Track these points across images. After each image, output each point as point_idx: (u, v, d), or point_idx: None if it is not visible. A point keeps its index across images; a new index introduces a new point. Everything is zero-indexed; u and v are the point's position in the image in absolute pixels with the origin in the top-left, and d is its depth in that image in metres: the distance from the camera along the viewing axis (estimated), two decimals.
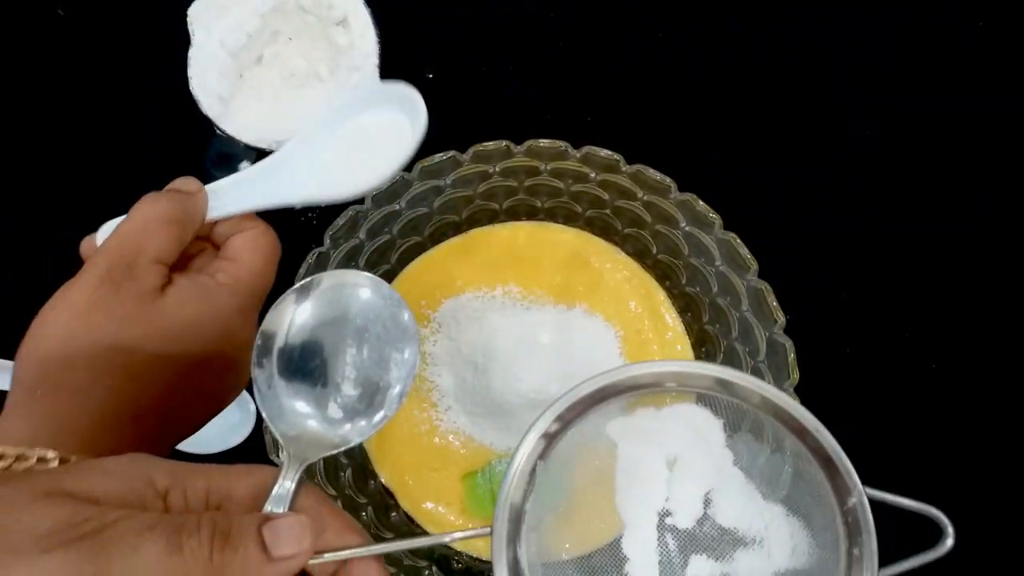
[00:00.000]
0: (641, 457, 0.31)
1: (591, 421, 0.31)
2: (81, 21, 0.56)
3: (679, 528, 0.30)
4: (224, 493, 0.29)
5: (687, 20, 0.57)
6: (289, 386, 0.33)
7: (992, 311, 0.55)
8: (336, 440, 0.33)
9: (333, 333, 0.34)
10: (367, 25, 0.53)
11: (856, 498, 0.29)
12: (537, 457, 0.30)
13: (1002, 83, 0.57)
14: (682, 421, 0.31)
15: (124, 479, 0.28)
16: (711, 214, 0.49)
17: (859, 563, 0.28)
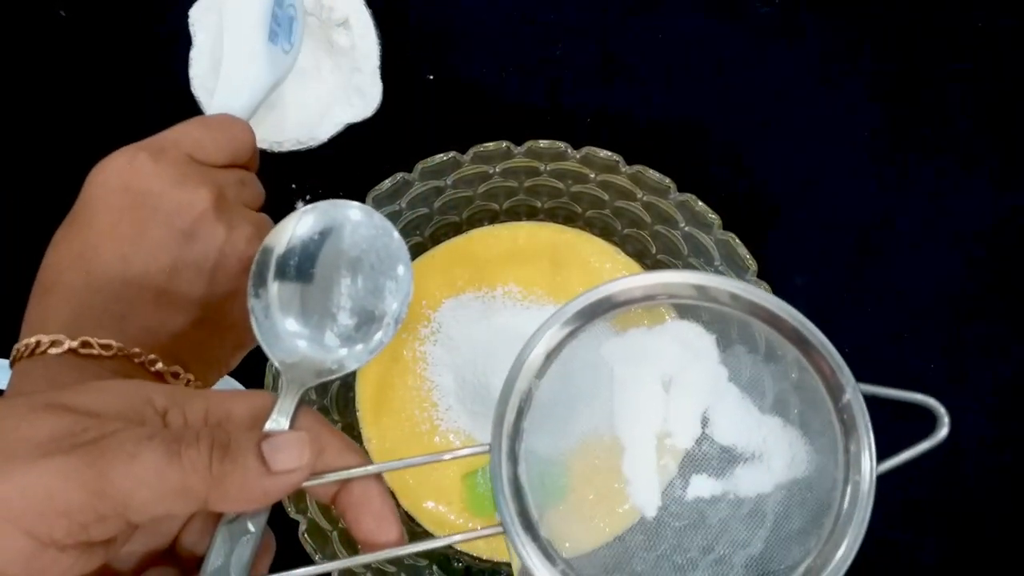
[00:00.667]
0: (636, 379, 0.30)
1: (584, 342, 0.30)
2: (83, 22, 0.56)
3: (678, 448, 0.30)
4: (223, 414, 0.29)
5: (687, 20, 0.57)
6: (285, 313, 0.33)
7: (992, 311, 0.55)
8: (333, 366, 0.33)
9: (328, 261, 0.34)
10: (368, 26, 0.53)
11: (850, 393, 0.29)
12: (532, 376, 0.30)
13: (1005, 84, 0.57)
14: (674, 338, 0.30)
15: (123, 397, 0.27)
16: (710, 214, 0.49)
17: (857, 460, 0.28)
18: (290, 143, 0.53)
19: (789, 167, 0.56)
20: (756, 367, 0.30)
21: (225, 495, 0.26)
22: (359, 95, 0.53)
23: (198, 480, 0.26)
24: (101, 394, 0.27)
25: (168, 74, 0.53)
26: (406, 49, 0.55)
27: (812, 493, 0.29)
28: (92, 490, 0.24)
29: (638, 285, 0.31)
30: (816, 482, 0.29)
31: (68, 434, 0.25)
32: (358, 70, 0.53)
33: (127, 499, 0.25)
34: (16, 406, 0.26)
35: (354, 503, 0.30)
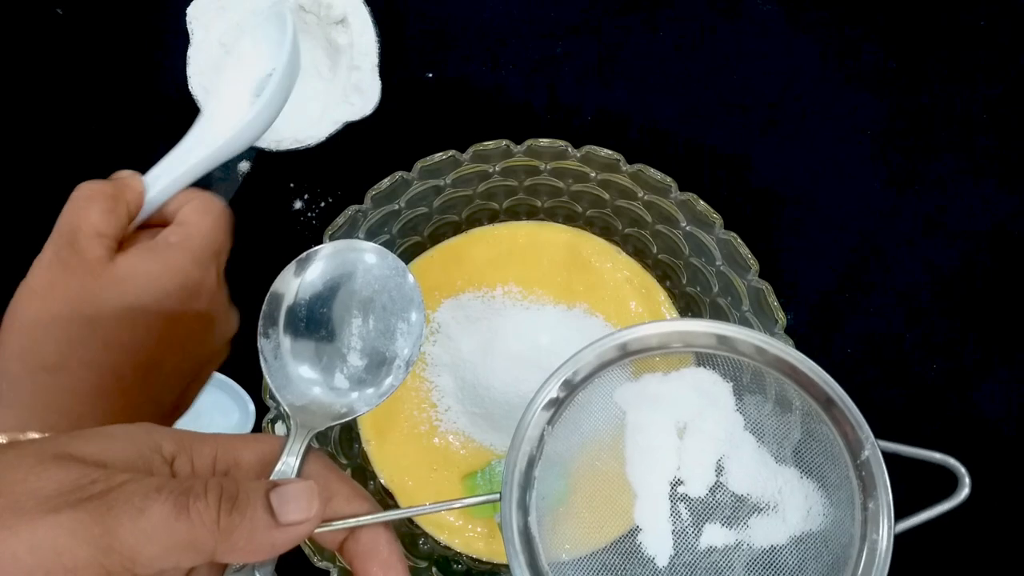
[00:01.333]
0: (650, 424, 0.30)
1: (598, 388, 0.30)
2: (80, 20, 0.56)
3: (691, 496, 0.29)
4: (231, 460, 0.29)
5: (688, 18, 0.57)
6: (295, 356, 0.33)
7: (992, 312, 0.55)
8: (343, 409, 0.32)
9: (339, 303, 0.34)
10: (366, 24, 0.53)
11: (869, 450, 0.28)
12: (545, 423, 0.30)
13: (1005, 84, 0.57)
14: (690, 385, 0.30)
15: (130, 444, 0.27)
16: (712, 214, 0.48)
17: (875, 517, 0.28)
18: (289, 142, 0.52)
19: (791, 166, 0.56)
20: (773, 417, 0.30)
21: (233, 547, 0.26)
22: (358, 94, 0.53)
23: (206, 534, 0.25)
24: (109, 441, 0.27)
25: (166, 72, 0.53)
26: (405, 47, 0.55)
27: (828, 548, 0.29)
28: (100, 546, 0.24)
29: (655, 333, 0.30)
30: (832, 537, 0.29)
31: (75, 487, 0.25)
32: (357, 68, 0.53)
33: (134, 554, 0.25)
34: (24, 456, 0.26)
35: (361, 551, 0.30)
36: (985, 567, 0.53)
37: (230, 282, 0.53)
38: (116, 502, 0.25)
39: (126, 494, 0.25)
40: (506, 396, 0.48)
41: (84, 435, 0.27)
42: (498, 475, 0.47)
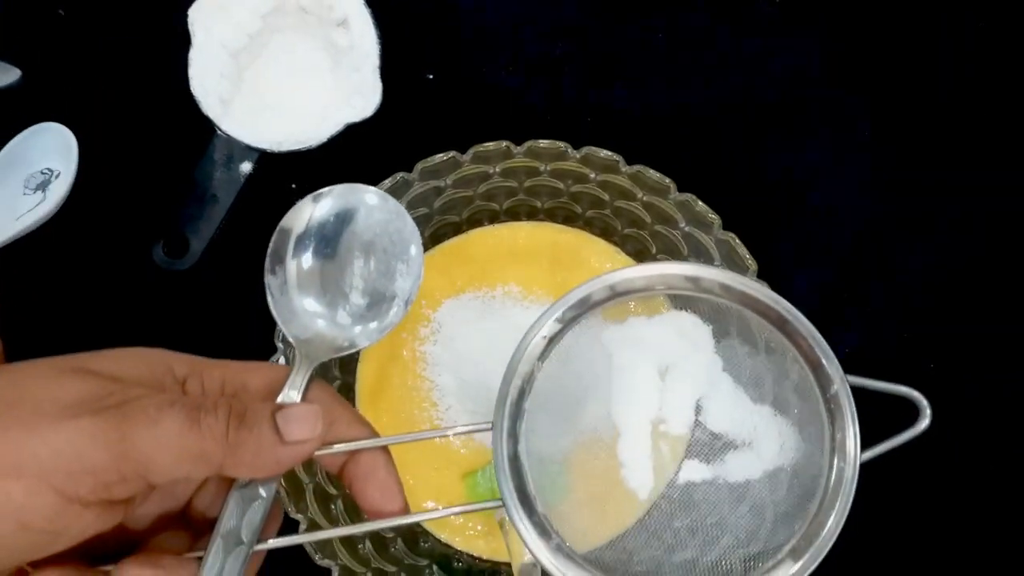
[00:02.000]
0: (634, 366, 0.32)
1: (585, 329, 0.32)
2: (82, 21, 0.56)
3: (671, 434, 0.31)
4: (240, 384, 0.30)
5: (688, 19, 0.57)
6: (300, 291, 0.34)
7: (992, 312, 0.55)
8: (345, 343, 0.34)
9: (342, 244, 0.35)
10: (367, 26, 0.53)
11: (838, 384, 0.30)
12: (536, 358, 0.31)
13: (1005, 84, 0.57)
14: (672, 328, 0.32)
15: (144, 364, 0.29)
16: (710, 214, 0.49)
17: (842, 447, 0.29)
18: (290, 143, 0.53)
19: (790, 166, 0.56)
20: (749, 358, 0.32)
21: (240, 462, 0.28)
22: (359, 95, 0.53)
23: (215, 446, 0.27)
24: (123, 360, 0.28)
25: (167, 73, 0.53)
26: (406, 49, 0.55)
27: (798, 479, 0.30)
28: (117, 452, 0.25)
29: (638, 275, 0.32)
30: (803, 469, 0.30)
31: (94, 397, 0.26)
32: (357, 70, 0.53)
33: (148, 461, 0.26)
34: (42, 368, 0.27)
35: (361, 474, 0.31)
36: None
37: (232, 282, 0.54)
38: (132, 412, 0.26)
39: (141, 405, 0.26)
40: None
41: (99, 354, 0.29)
42: None
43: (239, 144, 0.52)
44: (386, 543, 0.49)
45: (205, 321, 0.53)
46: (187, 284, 0.53)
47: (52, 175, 0.52)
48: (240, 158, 0.53)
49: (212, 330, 0.52)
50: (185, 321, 0.53)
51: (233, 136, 0.52)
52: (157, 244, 0.52)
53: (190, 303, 0.53)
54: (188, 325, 0.53)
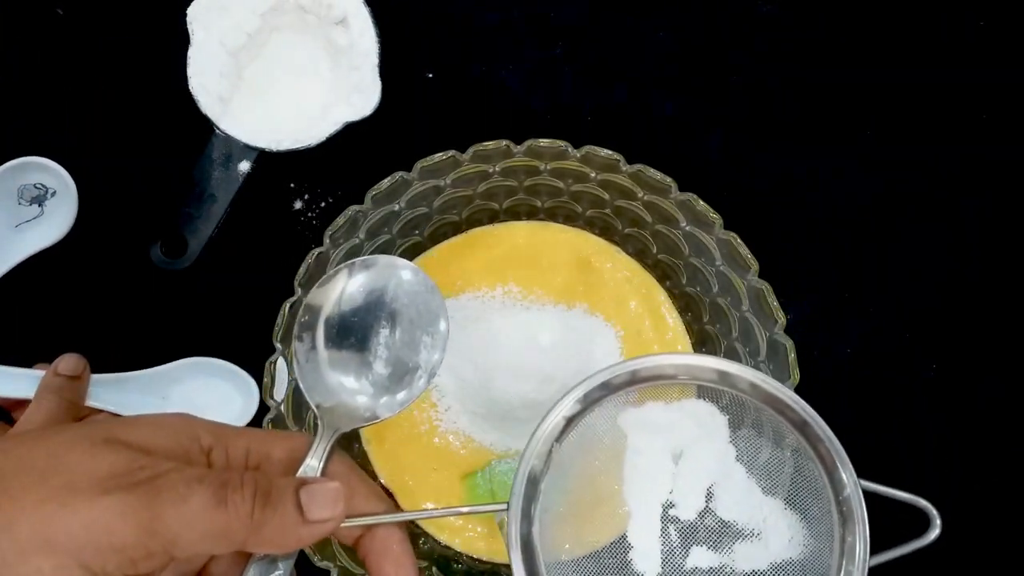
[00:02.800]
0: (648, 449, 0.32)
1: (605, 411, 0.32)
2: (80, 20, 0.56)
3: (681, 519, 0.31)
4: (263, 454, 0.31)
5: (688, 20, 0.57)
6: (327, 360, 0.35)
7: (992, 312, 0.55)
8: (367, 414, 0.35)
9: (370, 313, 0.36)
10: (367, 25, 0.53)
11: (851, 488, 0.30)
12: (554, 440, 0.32)
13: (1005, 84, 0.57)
14: (689, 416, 0.32)
15: (172, 433, 0.30)
16: (712, 214, 0.49)
17: (852, 551, 0.30)
18: (288, 142, 0.53)
19: (791, 166, 0.56)
20: (765, 451, 0.32)
21: (263, 539, 0.28)
22: (358, 94, 0.53)
23: (240, 525, 0.28)
24: (153, 429, 0.29)
25: (166, 72, 0.53)
26: (405, 47, 0.55)
27: (806, 575, 0.31)
28: (146, 529, 0.26)
29: (667, 363, 0.32)
30: (810, 566, 0.31)
31: (126, 471, 0.27)
32: (357, 69, 0.53)
33: (175, 537, 0.27)
34: (79, 439, 0.28)
35: (376, 548, 0.32)
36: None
37: (230, 282, 0.53)
38: (162, 488, 0.27)
39: (171, 482, 0.27)
40: (506, 396, 0.49)
41: (129, 422, 0.30)
42: (498, 475, 0.47)
43: (238, 143, 0.52)
44: None
45: (204, 321, 0.53)
46: (185, 284, 0.53)
47: (47, 191, 0.52)
48: (239, 157, 0.53)
49: (211, 330, 0.52)
50: (184, 321, 0.53)
51: (232, 135, 0.52)
52: (155, 244, 0.52)
53: (188, 303, 0.53)
54: (187, 325, 0.53)
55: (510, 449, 0.50)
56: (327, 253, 0.48)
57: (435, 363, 0.35)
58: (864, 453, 0.52)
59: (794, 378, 0.47)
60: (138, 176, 0.54)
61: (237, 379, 0.51)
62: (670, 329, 0.52)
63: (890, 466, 0.53)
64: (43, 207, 0.53)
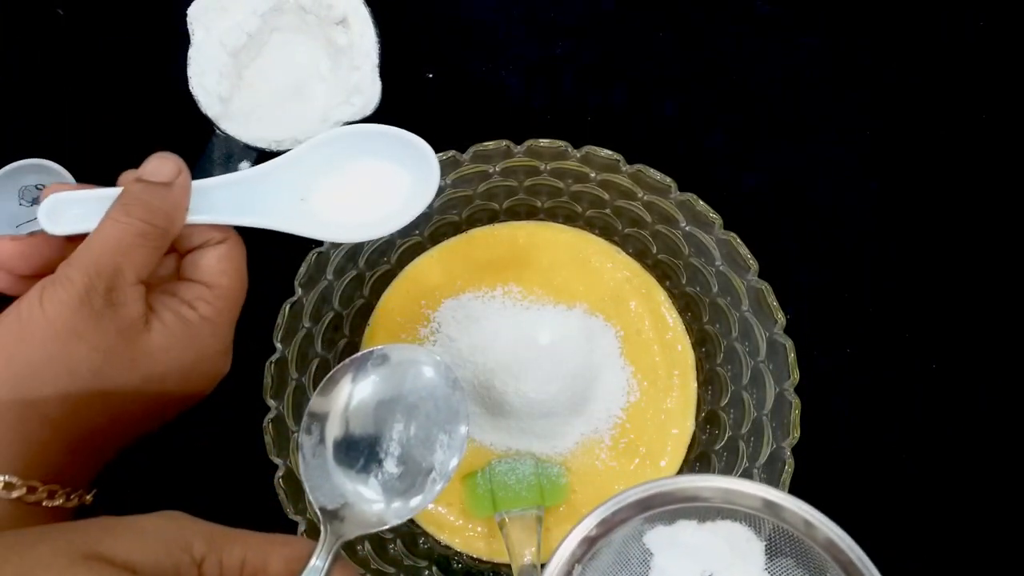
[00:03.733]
0: (676, 571, 0.30)
1: (631, 527, 0.30)
2: (80, 20, 0.56)
3: None
4: (259, 564, 0.29)
5: (687, 19, 0.57)
6: (334, 459, 0.33)
7: (993, 311, 0.55)
8: (373, 520, 0.32)
9: (384, 405, 0.33)
10: (367, 25, 0.53)
11: None
12: (575, 561, 0.30)
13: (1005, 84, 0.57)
14: (723, 538, 0.30)
15: (161, 544, 0.27)
16: (711, 214, 0.49)
17: None
18: (289, 142, 0.52)
19: (790, 166, 0.56)
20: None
21: None
22: (358, 94, 0.53)
23: None
24: (139, 540, 0.27)
25: (166, 73, 0.53)
26: (405, 48, 0.55)
27: None
28: None
29: (704, 486, 0.30)
30: None
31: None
32: (357, 69, 0.53)
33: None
34: (57, 555, 0.25)
35: None
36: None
37: None
38: None
39: None
40: (506, 396, 0.49)
41: (114, 530, 0.27)
42: (498, 475, 0.47)
43: (238, 143, 0.52)
44: (385, 544, 0.49)
45: None
46: None
47: None
48: (239, 157, 0.53)
49: None
50: None
51: (232, 135, 0.52)
52: None
53: None
54: None
55: (510, 449, 0.50)
56: (327, 254, 0.48)
57: (452, 468, 0.33)
58: (864, 452, 0.53)
59: (794, 378, 0.47)
60: None
61: (406, 150, 0.43)
62: (670, 329, 0.52)
63: (891, 466, 0.53)
64: None
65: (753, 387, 0.49)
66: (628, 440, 0.50)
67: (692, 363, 0.52)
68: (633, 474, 0.50)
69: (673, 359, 0.51)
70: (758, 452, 0.48)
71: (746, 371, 0.49)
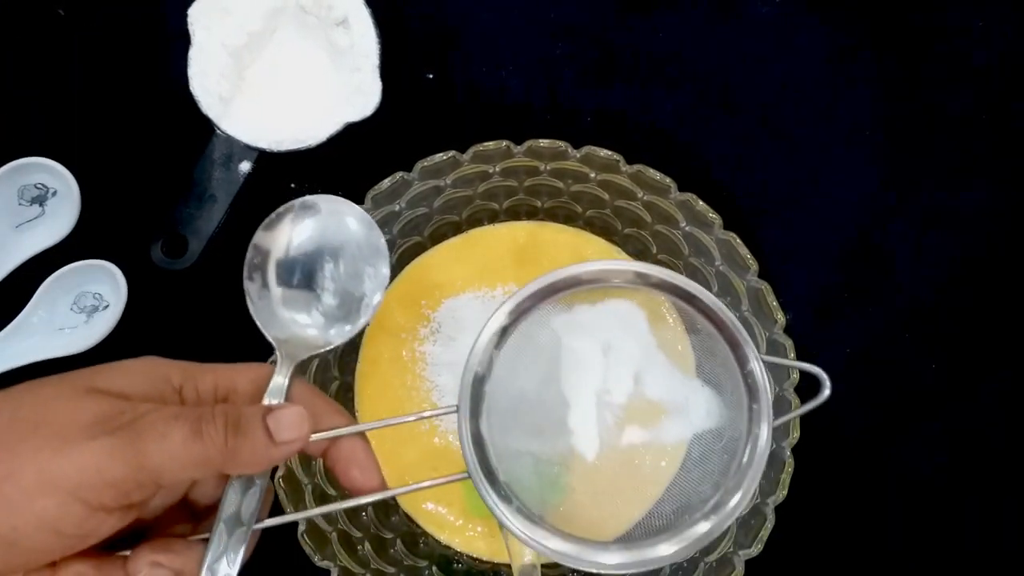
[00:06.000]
0: (580, 346, 0.37)
1: (538, 317, 0.37)
2: (81, 20, 0.56)
3: (614, 403, 0.36)
4: (229, 386, 0.34)
5: (688, 19, 0.57)
6: (277, 295, 0.37)
7: (992, 312, 0.55)
8: (321, 341, 0.37)
9: (315, 250, 0.38)
10: (368, 25, 0.53)
11: (753, 362, 0.35)
12: (493, 347, 0.36)
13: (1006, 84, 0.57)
14: (612, 314, 0.37)
15: (145, 377, 0.33)
16: (711, 214, 0.49)
17: (758, 416, 0.35)
18: (289, 142, 0.53)
19: (789, 166, 0.56)
20: (681, 338, 0.37)
21: (237, 463, 0.31)
22: (359, 94, 0.53)
23: (216, 453, 0.31)
24: (127, 376, 0.32)
25: (167, 73, 0.53)
26: (406, 48, 0.55)
27: (722, 442, 0.36)
28: (133, 465, 0.30)
29: (582, 272, 0.37)
30: (726, 432, 0.36)
31: (108, 417, 0.30)
32: (357, 69, 0.53)
33: (160, 469, 0.30)
34: (62, 390, 0.31)
35: (342, 457, 0.35)
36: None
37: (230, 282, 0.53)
38: (143, 429, 0.30)
39: (150, 422, 0.30)
40: None
41: (105, 370, 0.33)
42: None
43: (238, 143, 0.52)
44: (385, 544, 0.49)
45: (204, 321, 0.53)
46: (186, 284, 0.53)
47: (48, 191, 0.52)
48: (239, 157, 0.53)
49: (211, 330, 0.52)
50: (184, 321, 0.53)
51: (232, 135, 0.52)
52: (156, 244, 0.52)
53: (189, 303, 0.53)
54: (187, 325, 0.53)
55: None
56: None
57: (377, 301, 0.37)
58: (865, 453, 0.53)
59: (793, 378, 0.47)
60: (139, 176, 0.54)
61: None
62: (670, 329, 0.52)
63: (891, 465, 0.53)
64: (44, 207, 0.53)
65: None
66: (629, 441, 0.50)
67: (692, 364, 0.52)
68: (632, 475, 0.50)
69: (673, 359, 0.51)
70: None
71: None
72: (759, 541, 0.46)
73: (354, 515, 0.49)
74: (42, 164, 0.51)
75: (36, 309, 0.51)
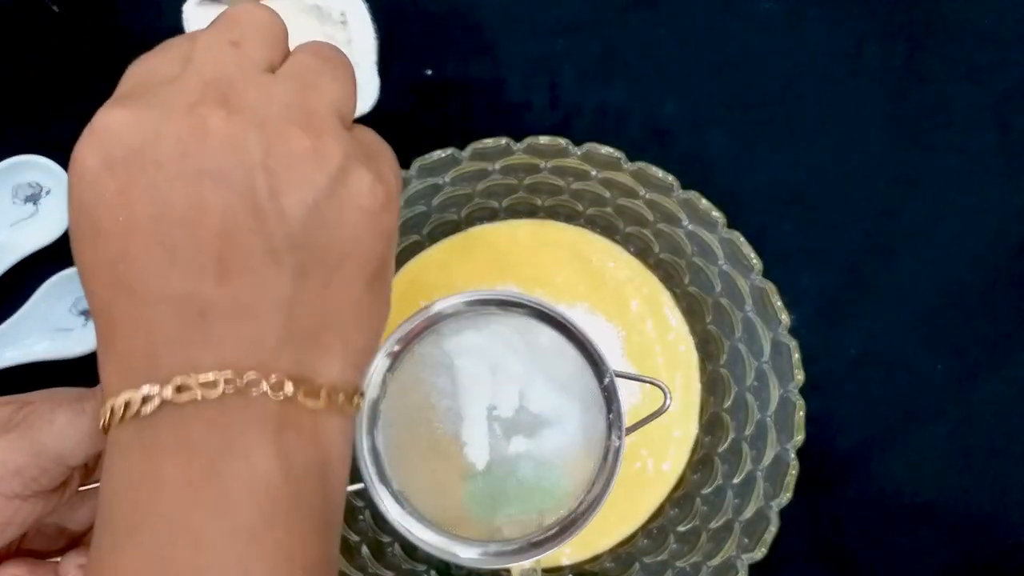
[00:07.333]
0: (471, 366, 0.42)
1: (432, 340, 0.42)
2: (75, 16, 0.55)
3: (502, 417, 0.41)
4: None
5: (689, 15, 0.56)
6: None
7: (996, 312, 0.54)
8: None
9: None
10: (366, 23, 0.53)
11: (608, 377, 0.41)
12: (385, 370, 0.41)
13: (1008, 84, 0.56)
14: (496, 336, 0.42)
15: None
16: (714, 212, 0.48)
17: (616, 423, 0.41)
18: None
19: (793, 165, 0.55)
20: (553, 359, 0.42)
21: None
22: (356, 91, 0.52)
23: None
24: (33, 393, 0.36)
25: None
26: (404, 45, 0.55)
27: (589, 448, 0.41)
28: (30, 452, 0.33)
29: (458, 302, 0.42)
30: (592, 440, 0.41)
31: (8, 419, 0.34)
32: (355, 66, 0.52)
33: (58, 450, 0.33)
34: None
35: None
36: None
37: None
38: (33, 420, 0.34)
39: (38, 412, 0.34)
40: None
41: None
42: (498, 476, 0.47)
43: None
44: (383, 549, 0.48)
45: None
46: None
47: (42, 189, 0.52)
48: None
49: None
50: None
51: None
52: None
53: None
54: None
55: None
56: None
57: None
58: (867, 452, 0.52)
59: (798, 379, 0.46)
60: None
61: None
62: (672, 330, 0.51)
63: (894, 465, 0.53)
64: (38, 206, 0.52)
65: (757, 389, 0.48)
66: (630, 443, 0.50)
67: (695, 364, 0.51)
68: (635, 477, 0.49)
69: (676, 360, 0.51)
70: (762, 455, 0.47)
71: (749, 373, 0.48)
72: (763, 544, 0.45)
73: (352, 519, 0.48)
74: (35, 162, 0.51)
75: (35, 309, 0.51)
